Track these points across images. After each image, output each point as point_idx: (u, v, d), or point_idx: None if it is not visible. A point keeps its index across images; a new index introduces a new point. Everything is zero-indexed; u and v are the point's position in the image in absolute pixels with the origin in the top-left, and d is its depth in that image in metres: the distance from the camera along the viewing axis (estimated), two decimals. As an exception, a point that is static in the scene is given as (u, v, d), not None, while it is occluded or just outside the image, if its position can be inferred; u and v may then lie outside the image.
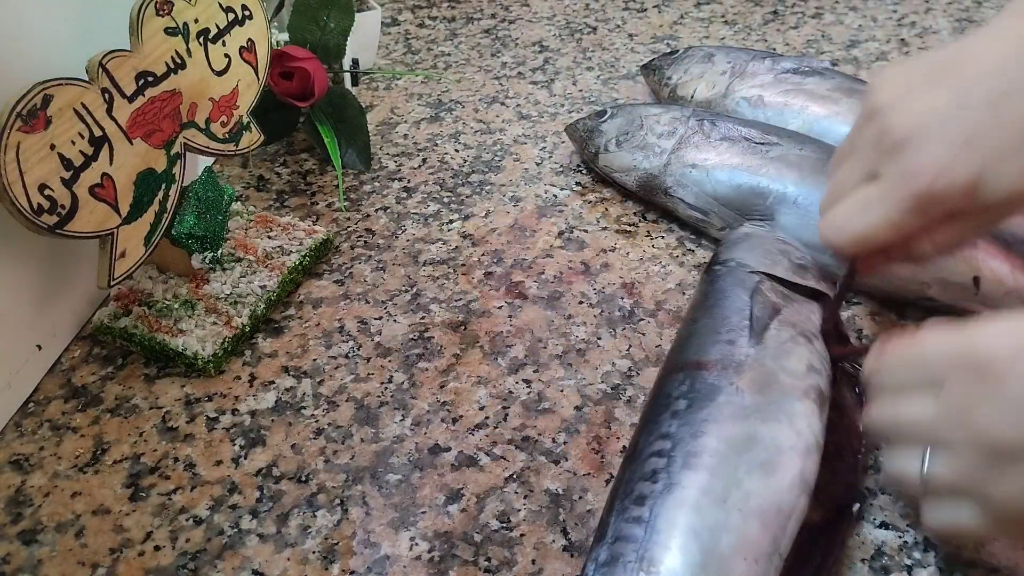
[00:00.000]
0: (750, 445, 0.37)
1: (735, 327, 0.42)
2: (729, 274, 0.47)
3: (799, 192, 0.55)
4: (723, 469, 0.36)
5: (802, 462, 0.37)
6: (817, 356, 0.42)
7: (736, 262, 0.48)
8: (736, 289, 0.45)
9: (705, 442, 0.37)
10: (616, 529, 0.36)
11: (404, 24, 0.88)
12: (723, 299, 0.45)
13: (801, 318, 0.44)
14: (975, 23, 0.87)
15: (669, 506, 0.35)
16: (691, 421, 0.38)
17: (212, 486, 0.44)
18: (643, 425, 0.41)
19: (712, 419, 0.38)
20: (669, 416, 0.39)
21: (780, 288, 0.46)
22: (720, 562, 0.34)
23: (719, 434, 0.37)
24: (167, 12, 0.46)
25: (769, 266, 0.47)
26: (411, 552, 0.41)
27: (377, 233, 0.60)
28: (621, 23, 0.88)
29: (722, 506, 0.35)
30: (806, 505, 0.36)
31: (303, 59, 0.60)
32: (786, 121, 0.63)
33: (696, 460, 0.37)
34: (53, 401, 0.48)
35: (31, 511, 0.42)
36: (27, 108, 0.38)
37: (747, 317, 0.43)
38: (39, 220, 0.40)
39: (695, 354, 0.42)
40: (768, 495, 0.35)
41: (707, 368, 0.41)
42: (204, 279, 0.52)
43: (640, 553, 0.34)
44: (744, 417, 0.38)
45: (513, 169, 0.67)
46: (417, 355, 0.51)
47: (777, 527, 0.35)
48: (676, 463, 0.37)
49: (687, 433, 0.38)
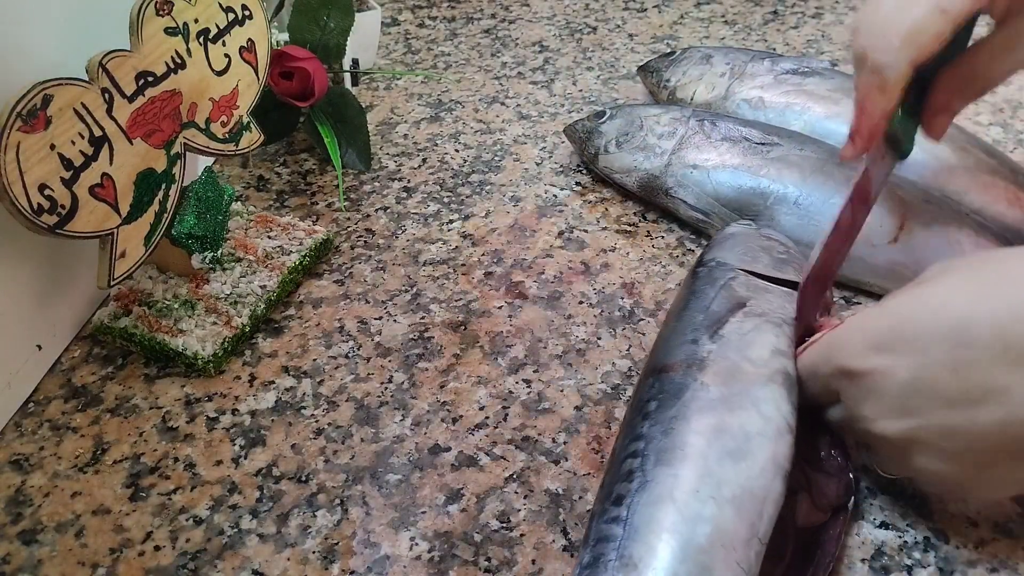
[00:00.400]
0: (719, 435, 0.38)
1: (699, 326, 0.43)
2: (708, 275, 0.47)
3: (800, 192, 0.55)
4: (695, 462, 0.37)
5: (773, 446, 0.37)
6: (785, 340, 0.42)
7: (716, 261, 0.48)
8: (707, 288, 0.46)
9: (675, 438, 0.38)
10: (597, 531, 0.37)
11: (404, 24, 0.88)
12: (693, 300, 0.45)
13: (773, 307, 0.44)
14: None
15: (645, 503, 0.36)
16: (661, 420, 0.39)
17: (212, 486, 0.44)
18: (621, 431, 0.42)
19: (680, 416, 0.39)
20: (641, 418, 0.40)
21: (756, 282, 0.46)
22: (698, 552, 0.34)
23: (688, 429, 0.38)
24: (167, 12, 0.46)
25: (748, 263, 0.47)
26: (411, 552, 0.41)
27: (377, 233, 0.60)
28: (621, 23, 0.88)
29: (695, 497, 0.35)
30: (782, 488, 0.37)
31: (303, 59, 0.60)
32: (788, 123, 0.63)
33: (668, 456, 0.37)
34: (53, 401, 0.48)
35: (31, 511, 0.42)
36: (27, 108, 0.38)
37: (710, 314, 0.44)
38: (39, 220, 0.40)
39: (663, 358, 0.43)
40: (740, 482, 0.36)
41: (673, 369, 0.41)
42: (204, 279, 0.52)
43: (620, 551, 0.35)
44: (711, 409, 0.39)
45: (513, 169, 0.67)
46: (417, 355, 0.51)
47: (753, 512, 0.35)
48: (649, 461, 0.38)
49: (658, 432, 0.39)
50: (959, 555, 0.40)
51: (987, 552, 0.40)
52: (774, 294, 0.45)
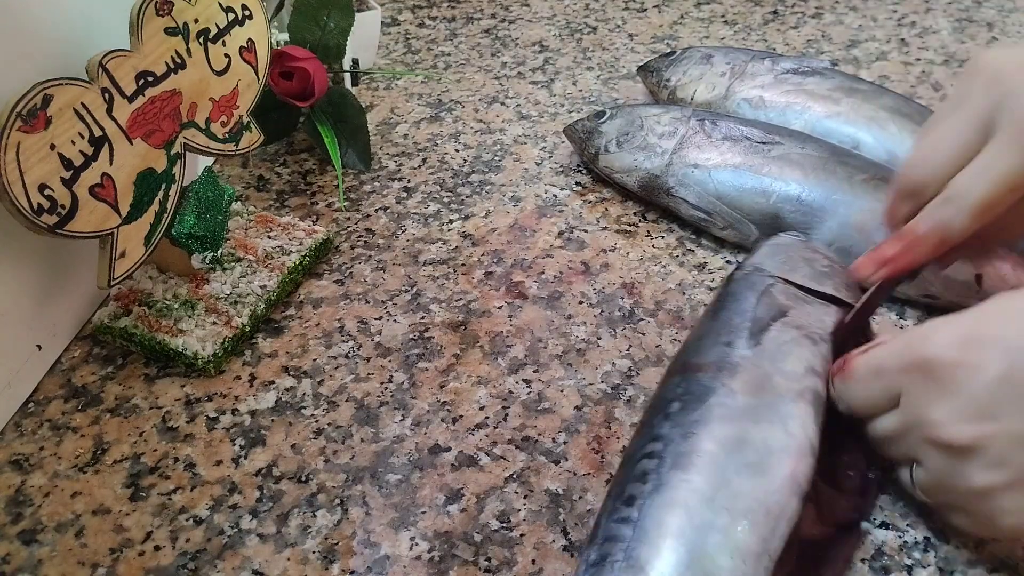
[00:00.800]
0: (740, 446, 0.37)
1: (736, 329, 0.42)
2: (744, 279, 0.46)
3: (802, 190, 0.55)
4: (712, 470, 0.36)
5: (794, 464, 0.37)
6: (819, 358, 0.41)
7: (754, 267, 0.47)
8: (746, 293, 0.45)
9: (695, 443, 0.37)
10: (606, 530, 0.36)
11: (404, 24, 0.88)
12: (731, 303, 0.45)
13: (811, 320, 0.43)
14: (975, 23, 0.87)
15: (657, 506, 0.36)
16: (682, 423, 0.38)
17: (212, 486, 0.44)
18: (639, 429, 0.41)
19: (703, 420, 0.38)
20: (662, 418, 0.39)
21: (796, 292, 0.45)
22: (706, 561, 0.34)
23: (709, 435, 0.37)
24: (167, 12, 0.46)
25: (788, 271, 0.46)
26: (411, 552, 0.41)
27: (377, 233, 0.60)
28: (621, 23, 0.88)
29: (710, 506, 0.35)
30: (798, 507, 0.36)
31: (303, 59, 0.60)
32: (788, 122, 0.63)
33: (686, 460, 0.37)
34: (53, 401, 0.48)
35: (31, 511, 0.42)
36: (27, 108, 0.38)
37: (750, 319, 0.43)
38: (39, 220, 0.40)
39: (693, 356, 0.42)
40: (757, 496, 0.35)
41: (702, 370, 0.41)
42: (204, 279, 0.52)
43: (627, 552, 0.34)
44: (735, 418, 0.38)
45: (513, 169, 0.67)
46: (417, 355, 0.51)
47: (766, 528, 0.35)
48: (666, 464, 0.37)
49: (678, 434, 0.38)
50: (959, 555, 0.40)
51: (987, 552, 0.40)
52: (813, 306, 0.44)
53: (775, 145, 0.57)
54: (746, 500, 0.35)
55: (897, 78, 0.78)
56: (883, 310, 0.53)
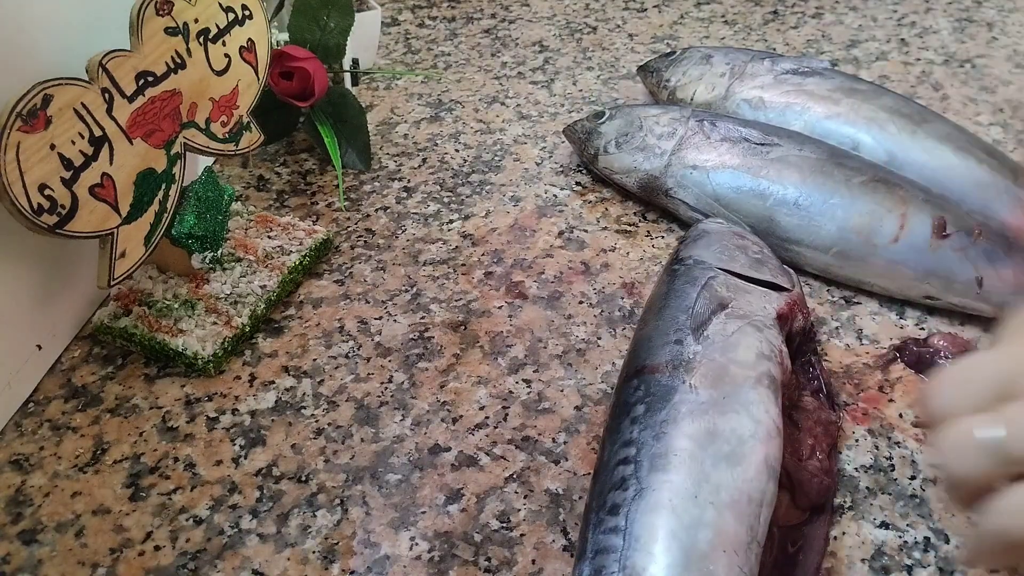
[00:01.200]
0: (712, 439, 0.37)
1: (682, 326, 0.43)
2: (685, 272, 0.47)
3: (800, 193, 0.55)
4: (690, 466, 0.37)
5: (765, 449, 0.38)
6: (766, 343, 0.42)
7: (694, 259, 0.48)
8: (687, 287, 0.46)
9: (668, 443, 0.38)
10: (595, 542, 0.36)
11: (404, 24, 0.88)
12: (673, 299, 0.45)
13: (753, 308, 0.44)
14: (975, 23, 0.87)
15: (643, 511, 0.36)
16: (651, 424, 0.39)
17: (212, 486, 0.44)
18: (606, 436, 0.41)
19: (671, 419, 0.38)
20: (629, 422, 0.40)
21: (735, 282, 0.46)
22: (701, 559, 0.34)
23: (681, 433, 0.38)
24: (167, 12, 0.46)
25: (726, 262, 0.47)
26: (411, 552, 0.41)
27: (377, 233, 0.60)
28: (621, 23, 0.88)
29: (695, 503, 0.35)
30: (775, 490, 0.37)
31: (303, 59, 0.60)
32: (788, 123, 0.63)
33: (663, 461, 0.37)
34: (53, 401, 0.48)
35: (31, 511, 0.42)
36: (27, 108, 0.38)
37: (695, 315, 0.44)
38: (39, 220, 0.40)
39: (647, 358, 0.42)
40: (738, 486, 0.36)
41: (659, 370, 0.41)
42: (204, 279, 0.52)
43: (622, 562, 0.34)
44: (702, 413, 0.38)
45: (513, 169, 0.67)
46: (417, 355, 0.51)
47: (751, 516, 0.35)
48: (643, 467, 0.37)
49: (649, 436, 0.38)
50: (959, 555, 0.40)
51: (987, 552, 0.40)
52: (754, 295, 0.45)
53: (773, 147, 0.57)
54: (728, 491, 0.36)
55: (897, 78, 0.78)
56: (883, 310, 0.54)
